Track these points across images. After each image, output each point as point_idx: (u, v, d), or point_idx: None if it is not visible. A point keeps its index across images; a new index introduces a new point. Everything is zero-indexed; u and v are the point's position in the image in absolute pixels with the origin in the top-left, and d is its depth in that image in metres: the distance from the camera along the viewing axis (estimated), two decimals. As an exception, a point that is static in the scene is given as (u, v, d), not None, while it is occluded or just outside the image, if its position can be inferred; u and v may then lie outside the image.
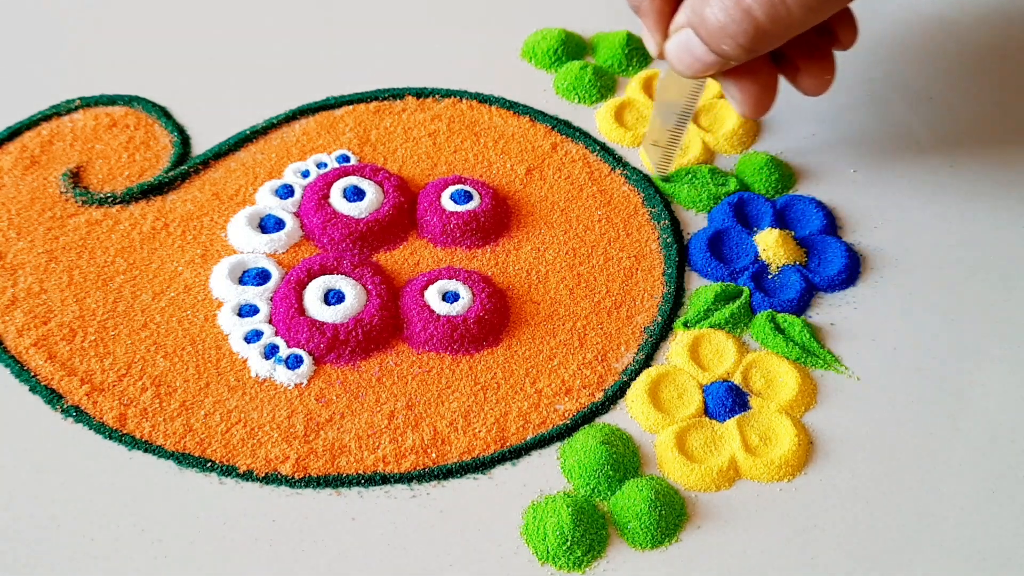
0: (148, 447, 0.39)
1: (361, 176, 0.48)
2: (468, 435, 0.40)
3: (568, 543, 0.36)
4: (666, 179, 0.48)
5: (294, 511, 0.37)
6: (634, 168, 0.50)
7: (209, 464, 0.39)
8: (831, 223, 0.47)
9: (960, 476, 0.39)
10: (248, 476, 0.38)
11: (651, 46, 0.40)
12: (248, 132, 0.51)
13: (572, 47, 0.55)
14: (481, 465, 0.39)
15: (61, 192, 0.48)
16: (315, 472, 0.38)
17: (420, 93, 0.53)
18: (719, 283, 0.45)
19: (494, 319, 0.43)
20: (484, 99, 0.53)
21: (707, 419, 0.40)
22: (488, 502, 0.38)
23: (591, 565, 0.36)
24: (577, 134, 0.51)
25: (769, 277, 0.45)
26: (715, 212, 0.48)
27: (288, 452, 0.39)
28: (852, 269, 0.45)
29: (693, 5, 0.36)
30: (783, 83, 0.42)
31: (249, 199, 0.48)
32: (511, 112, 0.52)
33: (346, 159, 0.50)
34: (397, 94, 0.53)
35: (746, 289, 0.44)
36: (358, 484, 0.38)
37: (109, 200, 0.47)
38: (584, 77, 0.53)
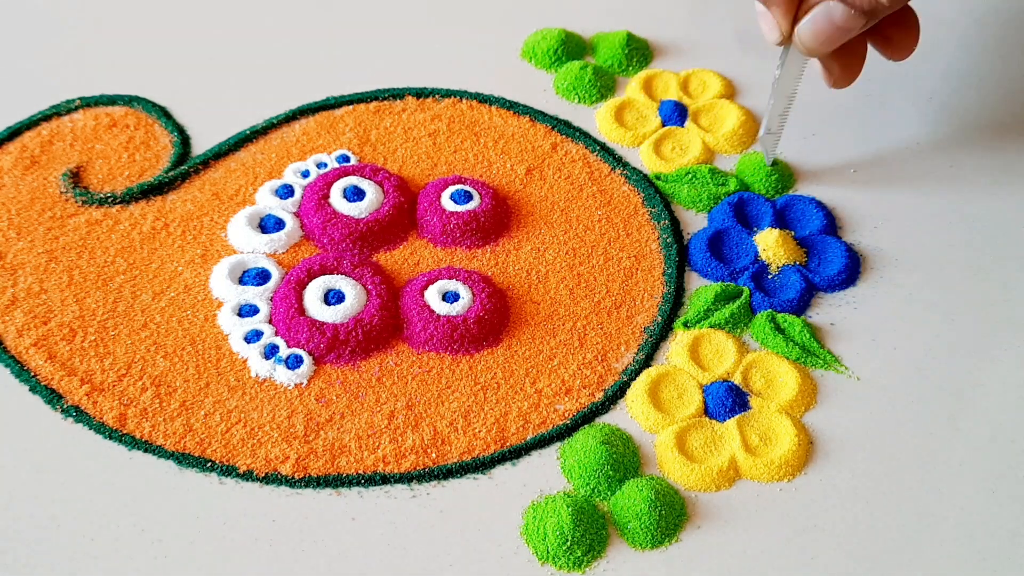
0: (148, 447, 0.39)
1: (361, 176, 0.48)
2: (468, 435, 0.40)
3: (568, 543, 0.36)
4: (773, 164, 0.49)
5: (294, 511, 0.37)
6: (634, 168, 0.50)
7: (209, 464, 0.39)
8: (831, 223, 0.47)
9: (960, 476, 0.39)
10: (248, 476, 0.38)
11: (775, 33, 0.42)
12: (248, 132, 0.51)
13: (572, 47, 0.55)
14: (481, 465, 0.39)
15: (61, 192, 0.48)
16: (315, 472, 0.38)
17: (420, 93, 0.53)
18: (719, 283, 0.45)
19: (494, 319, 0.43)
20: (484, 99, 0.53)
21: (707, 419, 0.40)
22: (488, 502, 0.38)
23: (591, 565, 0.36)
24: (577, 134, 0.51)
25: (769, 277, 0.45)
26: (715, 212, 0.48)
27: (288, 452, 0.39)
28: (852, 269, 0.45)
29: None
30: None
31: (249, 199, 0.48)
32: (511, 112, 0.52)
33: (346, 159, 0.50)
34: (397, 94, 0.53)
35: (746, 289, 0.44)
36: (358, 484, 0.38)
37: (109, 200, 0.47)
38: (584, 77, 0.53)
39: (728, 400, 0.40)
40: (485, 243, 0.46)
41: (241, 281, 0.44)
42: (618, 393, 0.41)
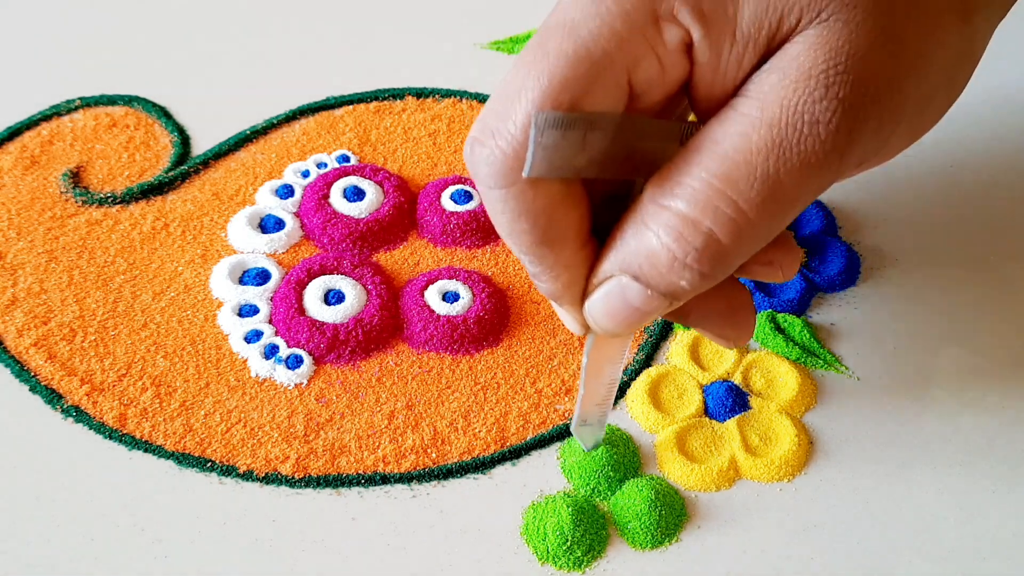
0: (148, 447, 0.39)
1: (361, 176, 0.48)
2: (468, 435, 0.40)
3: (568, 543, 0.36)
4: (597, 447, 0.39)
5: (294, 511, 0.37)
6: (634, 168, 0.50)
7: (209, 464, 0.39)
8: (831, 223, 0.47)
9: (960, 476, 0.39)
10: (248, 476, 0.38)
11: (574, 328, 0.32)
12: (248, 132, 0.51)
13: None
14: (481, 465, 0.39)
15: (61, 192, 0.48)
16: (315, 472, 0.38)
17: (420, 93, 0.53)
18: (719, 283, 0.44)
19: (494, 319, 0.43)
20: (484, 99, 0.53)
21: (707, 419, 0.40)
22: (488, 502, 0.38)
23: (591, 565, 0.36)
24: (577, 134, 0.51)
25: (769, 277, 0.45)
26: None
27: (288, 452, 0.39)
28: (852, 269, 0.45)
29: (627, 244, 0.28)
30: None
31: (249, 199, 0.48)
32: (511, 112, 0.52)
33: (346, 159, 0.50)
34: (397, 94, 0.53)
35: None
36: (358, 484, 0.38)
37: (109, 200, 0.47)
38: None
39: (728, 400, 0.40)
40: (485, 243, 0.46)
41: (241, 281, 0.44)
42: (618, 393, 0.41)
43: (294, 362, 0.41)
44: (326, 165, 0.49)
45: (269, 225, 0.46)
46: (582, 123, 0.26)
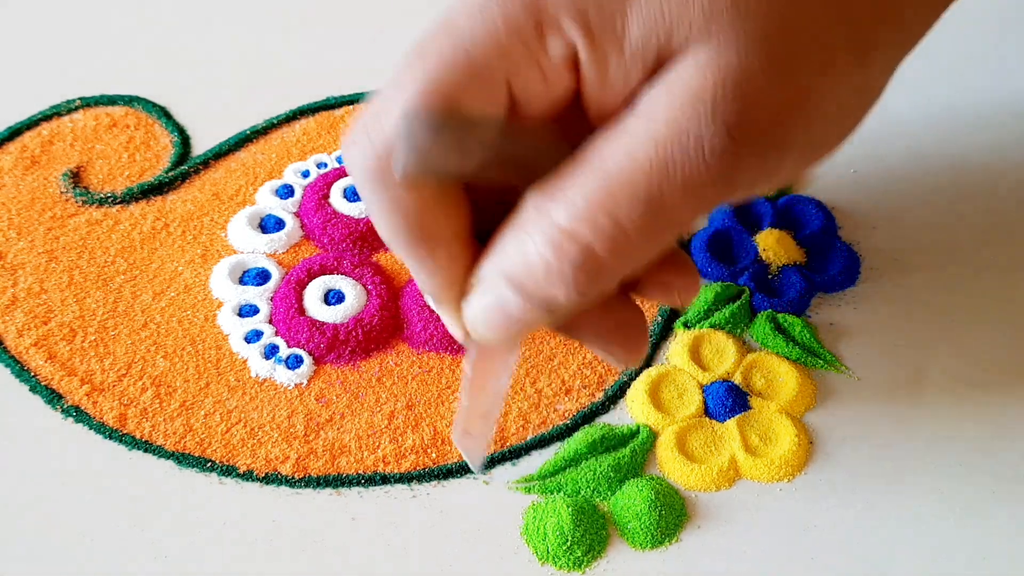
0: (148, 447, 0.39)
1: (361, 176, 0.48)
2: (468, 435, 0.40)
3: (568, 543, 0.36)
4: (487, 467, 0.38)
5: (294, 511, 0.37)
6: (634, 168, 0.50)
7: (209, 464, 0.39)
8: (831, 223, 0.47)
9: (960, 476, 0.39)
10: (248, 476, 0.38)
11: (457, 330, 0.30)
12: (248, 132, 0.51)
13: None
14: (481, 465, 0.39)
15: (61, 192, 0.48)
16: (315, 472, 0.38)
17: (420, 93, 0.53)
18: (719, 283, 0.45)
19: (494, 319, 0.43)
20: (484, 99, 0.53)
21: (707, 419, 0.40)
22: (488, 502, 0.38)
23: (591, 565, 0.36)
24: (577, 134, 0.51)
25: (769, 277, 0.45)
26: (715, 212, 0.48)
27: (288, 452, 0.39)
28: (852, 269, 0.45)
29: (505, 250, 0.27)
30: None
31: (249, 199, 0.48)
32: (511, 112, 0.52)
33: (346, 159, 0.50)
34: (397, 94, 0.53)
35: (746, 289, 0.44)
36: (358, 484, 0.38)
37: (109, 200, 0.47)
38: None
39: (728, 400, 0.40)
40: (485, 243, 0.46)
41: (241, 281, 0.44)
42: (618, 393, 0.41)
43: (294, 362, 0.41)
44: (326, 165, 0.49)
45: (269, 225, 0.46)
46: (457, 126, 0.25)
